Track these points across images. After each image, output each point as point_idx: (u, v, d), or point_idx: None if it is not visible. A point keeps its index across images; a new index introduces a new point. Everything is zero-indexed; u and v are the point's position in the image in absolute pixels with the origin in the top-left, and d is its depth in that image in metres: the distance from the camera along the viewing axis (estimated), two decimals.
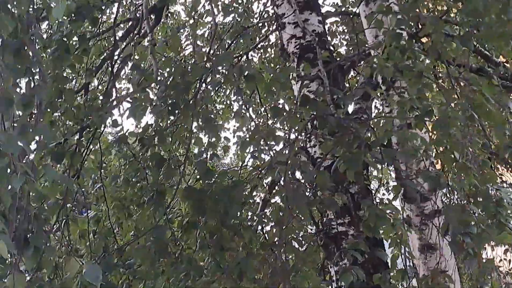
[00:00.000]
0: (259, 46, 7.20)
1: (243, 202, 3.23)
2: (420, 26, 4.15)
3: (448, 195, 4.60)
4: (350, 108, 4.13)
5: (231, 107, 8.07)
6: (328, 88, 3.30)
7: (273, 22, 6.59)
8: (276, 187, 5.78)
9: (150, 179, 3.78)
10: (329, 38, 5.49)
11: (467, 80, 3.68)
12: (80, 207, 5.17)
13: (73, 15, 3.68)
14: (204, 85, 3.17)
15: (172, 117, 3.17)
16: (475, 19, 3.67)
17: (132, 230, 4.39)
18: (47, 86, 2.14)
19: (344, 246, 3.82)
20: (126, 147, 3.62)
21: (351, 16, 6.39)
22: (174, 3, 6.69)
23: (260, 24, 6.40)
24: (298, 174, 3.44)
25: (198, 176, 3.03)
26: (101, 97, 4.20)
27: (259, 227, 3.86)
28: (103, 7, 4.04)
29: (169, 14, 7.42)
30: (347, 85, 5.98)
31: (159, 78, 3.39)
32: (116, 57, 4.57)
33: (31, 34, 2.27)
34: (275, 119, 3.22)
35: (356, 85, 6.44)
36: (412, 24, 3.92)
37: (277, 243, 3.23)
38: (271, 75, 3.47)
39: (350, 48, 7.01)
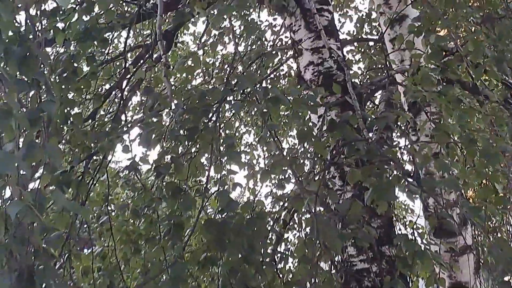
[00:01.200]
0: (271, 76, 7.00)
1: (265, 236, 2.94)
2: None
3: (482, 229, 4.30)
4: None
5: (241, 139, 7.83)
6: (360, 112, 3.04)
7: (286, 51, 6.41)
8: (291, 221, 5.50)
9: (160, 212, 3.51)
10: None
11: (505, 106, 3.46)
12: (82, 243, 4.87)
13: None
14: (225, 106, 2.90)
15: (190, 143, 2.90)
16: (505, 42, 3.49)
17: (140, 267, 4.11)
18: (56, 101, 1.85)
19: (367, 285, 3.55)
20: (137, 176, 3.34)
21: (377, 40, 6.20)
22: (188, 28, 6.54)
23: (274, 52, 6.21)
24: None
25: (218, 208, 2.72)
26: (109, 124, 3.97)
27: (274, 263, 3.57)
28: (113, 29, 3.84)
29: (178, 44, 7.26)
30: None
31: (174, 101, 3.13)
32: (125, 83, 4.36)
33: (38, 40, 2.01)
34: (303, 144, 2.94)
35: (373, 115, 6.20)
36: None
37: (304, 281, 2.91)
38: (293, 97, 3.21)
39: (367, 77, 6.80)
